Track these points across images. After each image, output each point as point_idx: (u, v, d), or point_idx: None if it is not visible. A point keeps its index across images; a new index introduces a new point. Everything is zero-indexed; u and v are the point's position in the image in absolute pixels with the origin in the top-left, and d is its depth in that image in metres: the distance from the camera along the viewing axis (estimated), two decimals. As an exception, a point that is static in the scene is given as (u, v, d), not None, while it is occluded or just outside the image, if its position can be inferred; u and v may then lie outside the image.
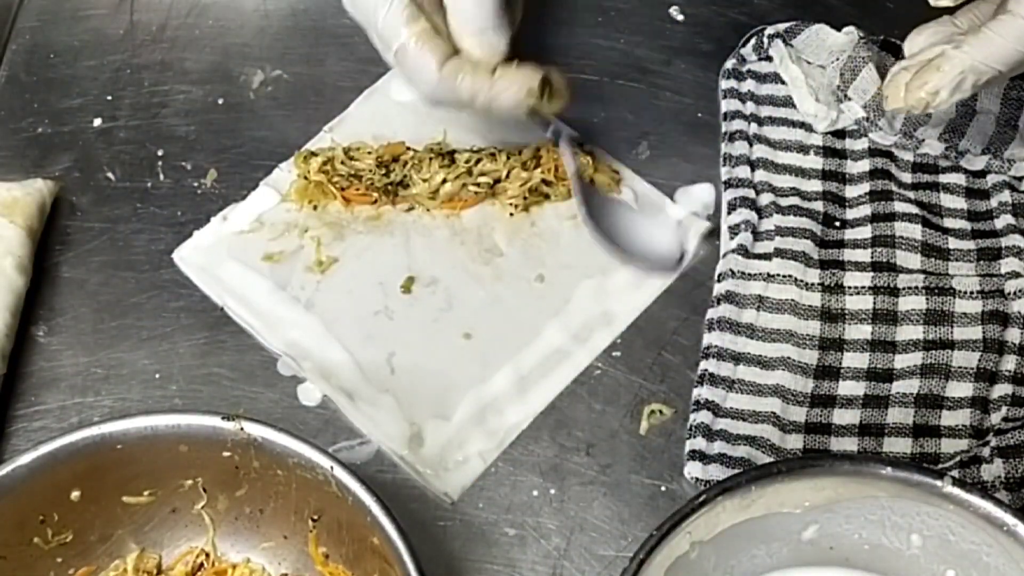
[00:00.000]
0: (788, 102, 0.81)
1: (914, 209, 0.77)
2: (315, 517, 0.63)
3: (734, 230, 0.76)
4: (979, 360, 0.71)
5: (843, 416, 0.71)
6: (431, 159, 0.78)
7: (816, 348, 0.73)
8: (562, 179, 0.78)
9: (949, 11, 0.70)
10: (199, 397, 0.72)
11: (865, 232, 0.76)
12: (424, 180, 0.77)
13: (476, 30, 0.69)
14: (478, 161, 0.78)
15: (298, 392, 0.73)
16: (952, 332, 0.72)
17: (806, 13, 0.84)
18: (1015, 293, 0.73)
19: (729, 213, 0.77)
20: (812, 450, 0.70)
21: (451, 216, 0.78)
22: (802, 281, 0.74)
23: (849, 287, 0.74)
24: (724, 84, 0.82)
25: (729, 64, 0.83)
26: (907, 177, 0.79)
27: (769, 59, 0.83)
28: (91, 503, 0.63)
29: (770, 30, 0.82)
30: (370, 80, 0.83)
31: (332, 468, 0.60)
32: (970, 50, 0.67)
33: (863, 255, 0.76)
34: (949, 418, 0.70)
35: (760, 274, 0.75)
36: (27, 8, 0.88)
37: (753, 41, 0.83)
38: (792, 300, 0.74)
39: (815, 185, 0.79)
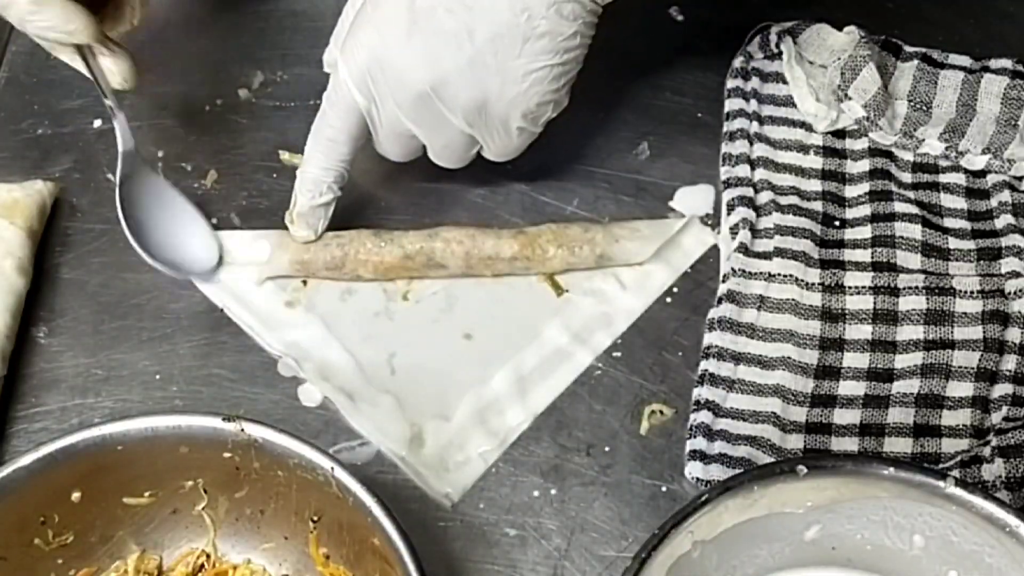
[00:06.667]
0: (789, 101, 0.81)
1: (914, 209, 0.77)
2: (316, 518, 0.63)
3: (734, 230, 0.76)
4: (979, 360, 0.71)
5: (843, 416, 0.71)
6: None
7: (816, 348, 0.73)
8: None
9: None
10: (199, 398, 0.72)
11: (865, 232, 0.76)
12: None
13: None
14: None
15: (298, 393, 0.73)
16: (952, 332, 0.72)
17: (806, 13, 0.84)
18: (1015, 293, 0.73)
19: (729, 213, 0.77)
20: (813, 450, 0.69)
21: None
22: (803, 281, 0.74)
23: (849, 287, 0.74)
24: (730, 83, 0.82)
25: (737, 63, 0.82)
26: (907, 177, 0.79)
27: (773, 57, 0.83)
28: (92, 504, 0.63)
29: (776, 28, 0.82)
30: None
31: (333, 469, 0.60)
32: None
33: (863, 255, 0.76)
34: (950, 418, 0.70)
35: (762, 273, 0.75)
36: (27, 9, 0.88)
37: (758, 39, 0.83)
38: (793, 300, 0.74)
39: (815, 185, 0.79)
